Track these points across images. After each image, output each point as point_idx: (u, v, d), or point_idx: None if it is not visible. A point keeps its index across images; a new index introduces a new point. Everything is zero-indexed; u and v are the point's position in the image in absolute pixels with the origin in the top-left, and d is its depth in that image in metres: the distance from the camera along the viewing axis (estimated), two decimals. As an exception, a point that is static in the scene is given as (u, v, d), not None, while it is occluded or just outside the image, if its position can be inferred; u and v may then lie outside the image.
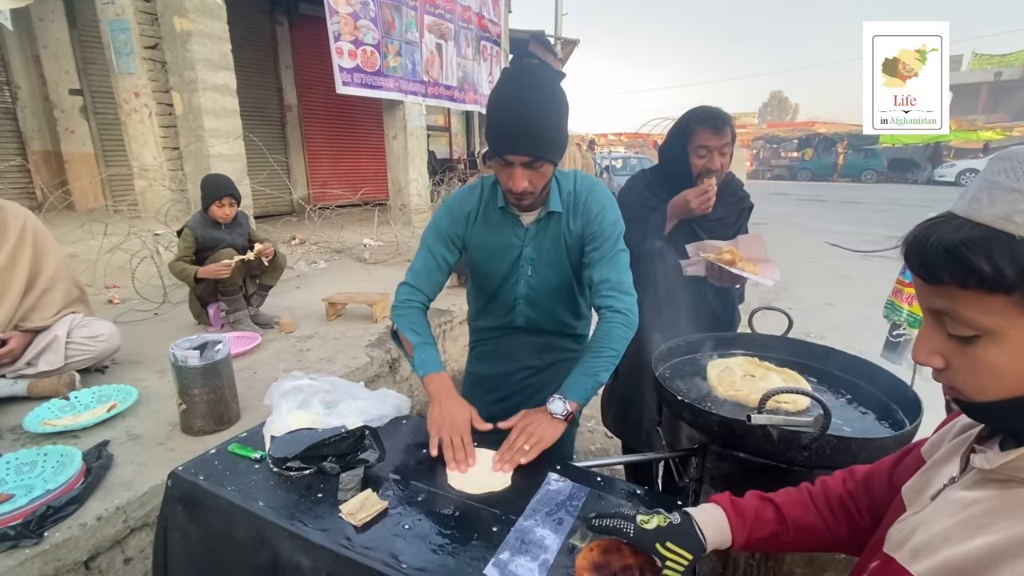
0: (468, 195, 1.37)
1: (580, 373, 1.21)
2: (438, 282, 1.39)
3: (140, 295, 3.18)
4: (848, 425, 1.06)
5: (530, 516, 0.97)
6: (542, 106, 1.13)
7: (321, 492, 1.01)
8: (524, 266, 1.36)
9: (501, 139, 1.14)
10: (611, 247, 1.28)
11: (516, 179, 1.16)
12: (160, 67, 4.37)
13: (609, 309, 1.23)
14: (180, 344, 1.72)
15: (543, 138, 1.14)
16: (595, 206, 1.29)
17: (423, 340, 1.31)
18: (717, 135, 1.53)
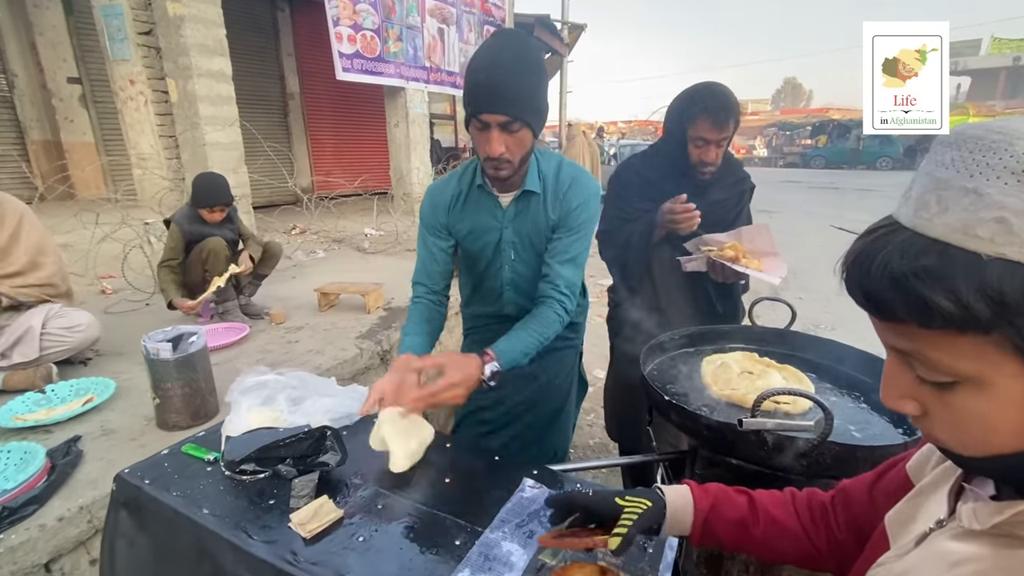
0: (447, 182, 1.34)
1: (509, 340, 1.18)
2: (438, 272, 1.37)
3: (132, 285, 3.13)
4: (857, 429, 0.96)
5: (498, 528, 0.88)
6: (520, 68, 1.08)
7: (273, 498, 0.93)
8: (506, 250, 1.32)
9: (477, 98, 1.09)
10: (579, 244, 1.26)
11: (492, 142, 1.11)
12: (155, 53, 4.29)
13: (558, 302, 1.22)
14: (153, 336, 1.65)
15: (520, 99, 1.09)
16: (576, 198, 1.24)
17: (406, 332, 1.32)
18: (718, 128, 1.41)
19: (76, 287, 3.30)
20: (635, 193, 1.59)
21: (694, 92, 1.44)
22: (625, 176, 1.63)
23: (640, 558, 0.83)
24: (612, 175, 1.71)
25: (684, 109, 1.44)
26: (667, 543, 0.86)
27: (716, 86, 1.43)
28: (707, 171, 1.47)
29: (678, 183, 1.52)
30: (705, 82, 1.46)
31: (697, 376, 1.18)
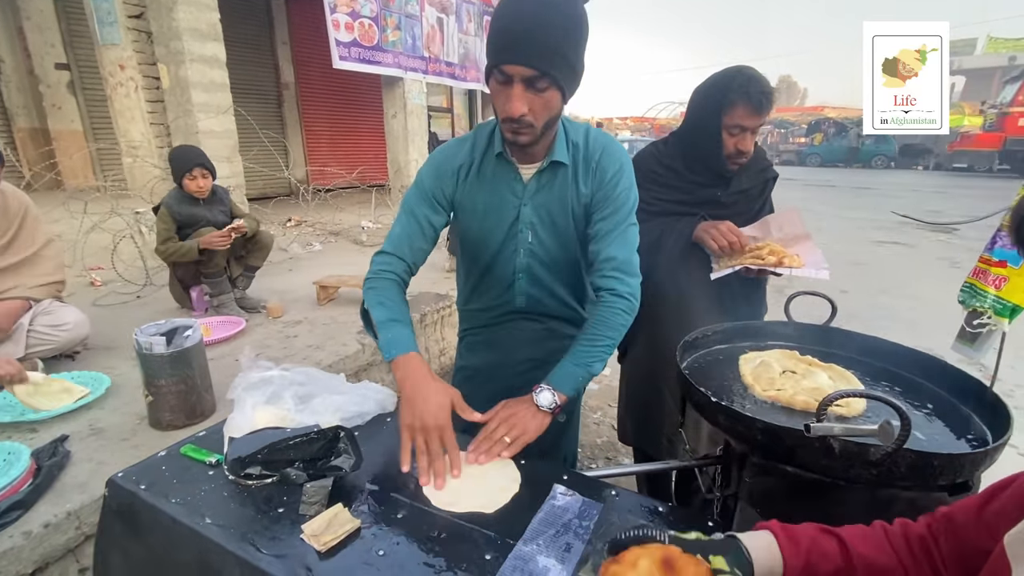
0: (458, 147, 1.15)
1: (572, 362, 1.06)
2: (421, 249, 1.17)
3: (122, 277, 3.02)
4: (919, 433, 0.88)
5: (531, 540, 0.80)
6: (555, 15, 0.91)
7: (283, 506, 0.84)
8: (523, 231, 1.15)
9: (500, 46, 0.93)
10: (623, 218, 1.11)
11: (514, 100, 0.94)
12: (146, 38, 4.15)
13: (611, 292, 1.07)
14: (146, 329, 1.55)
15: (550, 49, 0.92)
16: (611, 166, 1.10)
17: (391, 316, 1.07)
18: (758, 115, 1.31)
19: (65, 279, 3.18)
20: (657, 183, 1.51)
21: (730, 78, 1.33)
22: (646, 166, 1.55)
23: (691, 575, 0.75)
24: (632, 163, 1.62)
25: (720, 95, 1.34)
26: (719, 558, 0.79)
27: (751, 70, 1.33)
28: (741, 161, 1.39)
29: (704, 172, 1.45)
30: (737, 66, 1.37)
31: (733, 375, 1.10)
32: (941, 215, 8.59)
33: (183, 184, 2.53)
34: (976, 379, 0.95)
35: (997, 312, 0.92)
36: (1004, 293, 0.91)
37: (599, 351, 1.06)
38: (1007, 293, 0.91)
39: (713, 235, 1.36)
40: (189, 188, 2.53)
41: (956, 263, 6.18)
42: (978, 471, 0.77)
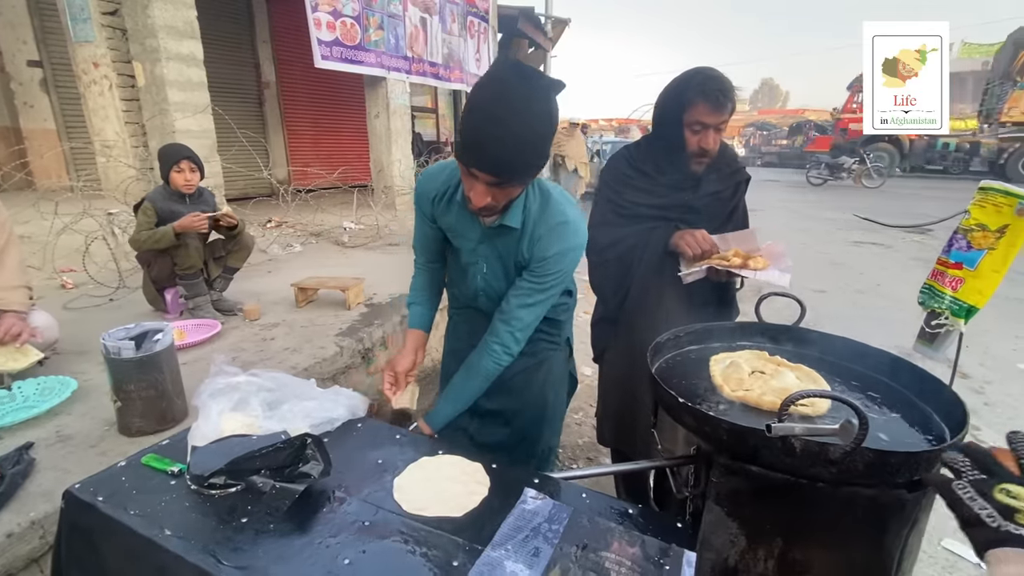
0: (438, 174, 1.25)
1: (444, 401, 1.27)
2: (435, 247, 1.37)
3: (94, 279, 2.95)
4: (880, 432, 0.90)
5: (500, 545, 0.80)
6: (527, 129, 0.94)
7: (247, 516, 0.83)
8: (480, 262, 1.27)
9: (469, 151, 0.98)
10: (546, 289, 1.19)
11: (477, 194, 1.02)
12: (120, 35, 4.06)
13: (503, 347, 1.22)
14: (114, 334, 1.52)
15: (519, 163, 0.98)
16: (550, 248, 1.15)
17: (412, 299, 1.43)
18: (716, 112, 1.33)
19: (35, 281, 3.10)
20: (629, 186, 1.52)
21: (689, 76, 1.36)
22: (618, 168, 1.56)
23: (657, 575, 0.76)
24: (604, 167, 1.63)
25: (679, 94, 1.36)
26: (685, 559, 0.79)
27: (710, 69, 1.36)
28: (705, 159, 1.40)
29: (673, 174, 1.46)
30: (697, 67, 1.39)
31: (704, 376, 1.11)
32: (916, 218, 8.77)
33: (170, 179, 2.49)
34: (936, 378, 0.97)
35: (954, 313, 0.95)
36: (960, 294, 0.94)
37: (467, 399, 1.27)
38: (963, 294, 0.93)
39: (688, 242, 1.38)
40: (176, 182, 2.48)
41: (931, 264, 6.31)
42: (934, 468, 0.78)
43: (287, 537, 0.79)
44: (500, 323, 1.22)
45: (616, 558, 0.79)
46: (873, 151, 15.74)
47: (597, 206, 1.61)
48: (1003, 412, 2.95)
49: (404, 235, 4.83)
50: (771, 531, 0.88)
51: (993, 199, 0.88)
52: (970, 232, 0.91)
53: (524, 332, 1.22)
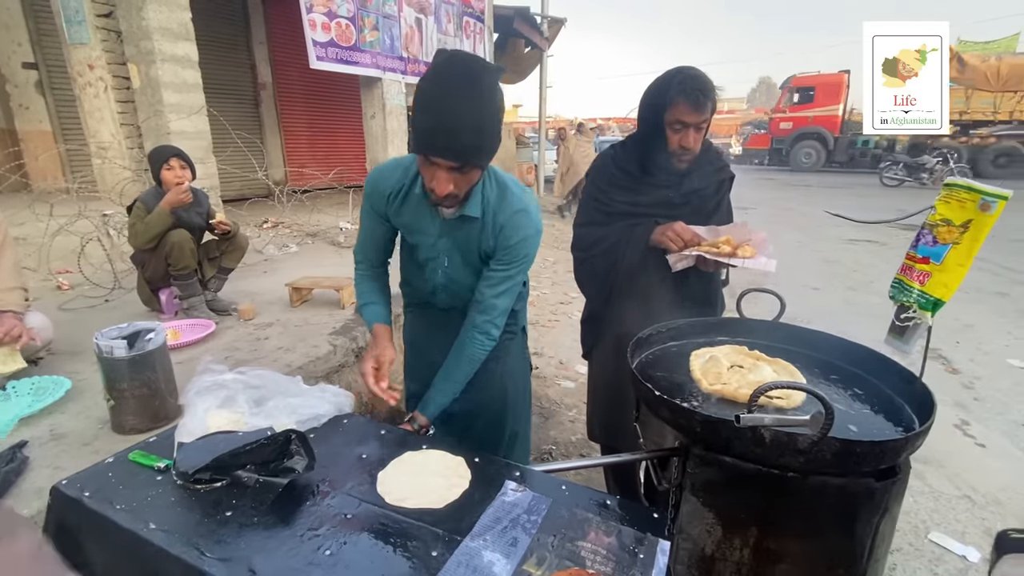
0: (392, 171, 1.25)
1: (436, 391, 1.29)
2: (383, 248, 1.39)
3: (90, 280, 2.97)
4: (851, 423, 0.92)
5: (479, 535, 0.82)
6: (481, 111, 0.99)
7: (231, 510, 0.85)
8: (440, 257, 1.30)
9: (426, 138, 1.01)
10: (516, 274, 1.25)
11: (440, 182, 1.04)
12: (115, 37, 4.08)
13: (485, 334, 1.26)
14: (106, 333, 1.53)
15: (474, 146, 1.01)
16: (514, 236, 1.20)
17: (365, 300, 1.39)
18: (696, 111, 1.35)
19: (31, 283, 3.12)
20: (614, 185, 1.54)
21: (670, 76, 1.38)
22: (603, 168, 1.58)
23: (632, 564, 0.78)
24: (591, 167, 1.65)
25: (660, 94, 1.38)
26: (659, 547, 0.81)
27: (691, 68, 1.38)
28: (686, 158, 1.42)
29: (657, 173, 1.47)
30: (678, 66, 1.41)
31: (685, 371, 1.13)
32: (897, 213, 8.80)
33: (161, 178, 2.50)
34: (908, 371, 0.99)
35: (921, 306, 0.96)
36: (927, 288, 0.95)
37: (458, 383, 1.29)
38: (930, 288, 0.95)
39: (671, 237, 1.39)
40: (168, 180, 2.50)
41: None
42: (900, 457, 0.80)
43: (270, 529, 0.81)
44: (478, 313, 1.26)
45: (592, 547, 0.80)
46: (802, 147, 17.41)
47: (583, 206, 1.63)
48: (992, 407, 2.98)
49: (400, 235, 4.85)
50: (746, 520, 0.90)
51: (957, 195, 0.90)
52: (936, 227, 0.93)
53: (501, 317, 1.28)
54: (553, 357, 3.62)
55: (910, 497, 2.26)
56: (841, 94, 16.98)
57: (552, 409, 2.98)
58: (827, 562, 0.90)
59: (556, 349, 3.71)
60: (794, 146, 17.99)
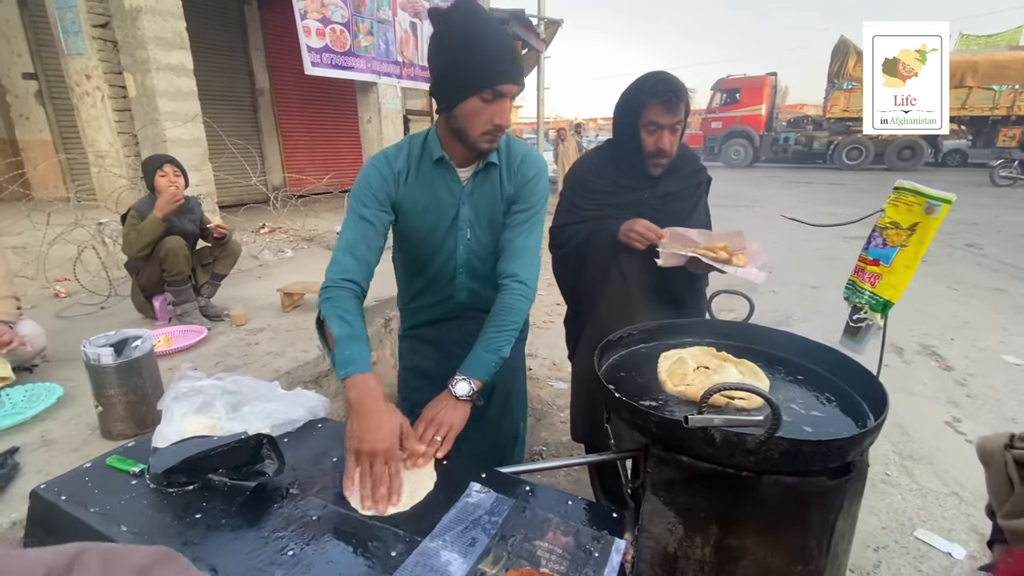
0: (396, 154, 1.23)
1: (483, 350, 1.14)
2: (378, 248, 1.20)
3: (86, 288, 3.01)
4: (812, 422, 0.94)
5: (439, 536, 0.84)
6: (509, 38, 1.07)
7: (200, 512, 0.87)
8: (463, 228, 1.25)
9: (497, 70, 1.05)
10: (536, 212, 1.25)
11: (507, 113, 1.10)
12: (112, 47, 4.13)
13: (515, 279, 1.19)
14: (94, 341, 1.57)
15: (521, 69, 1.10)
16: (530, 170, 1.23)
17: (350, 333, 1.05)
18: (669, 112, 1.38)
19: (28, 291, 3.17)
20: (590, 188, 1.56)
21: (643, 80, 1.42)
22: (581, 172, 1.60)
23: (585, 562, 0.80)
24: (569, 171, 1.67)
25: (634, 97, 1.41)
26: (614, 546, 0.83)
27: (663, 73, 1.41)
28: (662, 161, 1.44)
29: (633, 176, 1.49)
30: (650, 71, 1.44)
31: (654, 372, 1.15)
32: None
33: (156, 186, 2.54)
34: (867, 370, 1.00)
35: (872, 307, 0.98)
36: (877, 289, 0.97)
37: (506, 336, 1.15)
38: (880, 289, 0.96)
39: (634, 238, 1.41)
40: (160, 186, 2.54)
41: (924, 259, 6.31)
42: (848, 456, 0.82)
43: (237, 531, 0.83)
44: (510, 260, 1.20)
45: (548, 546, 0.82)
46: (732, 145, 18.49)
47: (559, 208, 1.65)
48: (984, 404, 2.97)
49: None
50: (706, 519, 0.91)
51: (905, 198, 0.92)
52: (885, 230, 0.94)
53: (533, 265, 1.22)
54: (547, 358, 3.64)
55: (898, 495, 2.27)
56: (764, 95, 18.04)
57: (544, 410, 3.00)
58: (786, 559, 0.92)
59: (550, 351, 3.73)
60: (724, 144, 18.93)
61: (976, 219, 8.45)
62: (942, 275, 5.57)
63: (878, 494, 2.28)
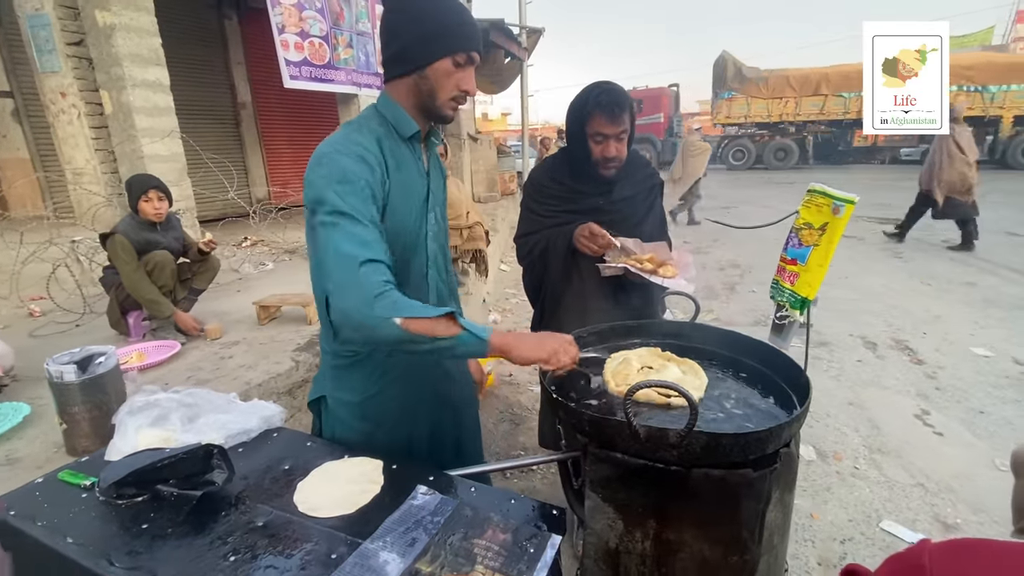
0: (359, 137, 1.02)
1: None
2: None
3: (60, 306, 3.00)
4: (751, 416, 0.97)
5: (380, 537, 0.86)
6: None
7: (147, 523, 0.89)
8: (430, 211, 1.13)
9: (465, 35, 1.02)
10: None
11: (472, 80, 1.07)
12: (87, 64, 4.14)
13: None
14: (57, 359, 1.58)
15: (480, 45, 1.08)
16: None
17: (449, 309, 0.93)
18: (613, 123, 1.43)
19: (2, 311, 3.15)
20: (547, 195, 1.61)
21: (587, 92, 1.46)
22: (538, 180, 1.65)
23: (519, 558, 0.82)
24: (526, 180, 1.72)
25: (579, 108, 1.46)
26: (550, 542, 0.86)
27: (607, 83, 1.46)
28: (611, 167, 1.49)
29: (587, 182, 1.54)
30: (596, 81, 1.49)
31: (602, 373, 1.18)
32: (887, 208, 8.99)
33: (139, 208, 2.55)
34: (797, 365, 1.04)
35: (792, 305, 1.02)
36: (796, 288, 1.01)
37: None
38: (798, 287, 1.01)
39: (584, 243, 1.45)
40: (145, 211, 2.55)
41: (899, 254, 6.44)
42: (768, 448, 0.85)
43: (182, 540, 0.85)
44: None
45: (486, 544, 0.85)
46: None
47: (521, 217, 1.69)
48: (952, 396, 3.04)
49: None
50: (643, 513, 0.95)
51: (815, 200, 0.96)
52: (800, 231, 0.99)
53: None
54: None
55: (866, 487, 2.32)
56: (662, 105, 20.04)
57: (523, 415, 3.02)
58: (722, 551, 0.95)
59: (530, 356, 3.76)
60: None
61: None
62: (916, 272, 5.68)
63: (847, 487, 2.33)
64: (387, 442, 1.18)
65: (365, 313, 0.89)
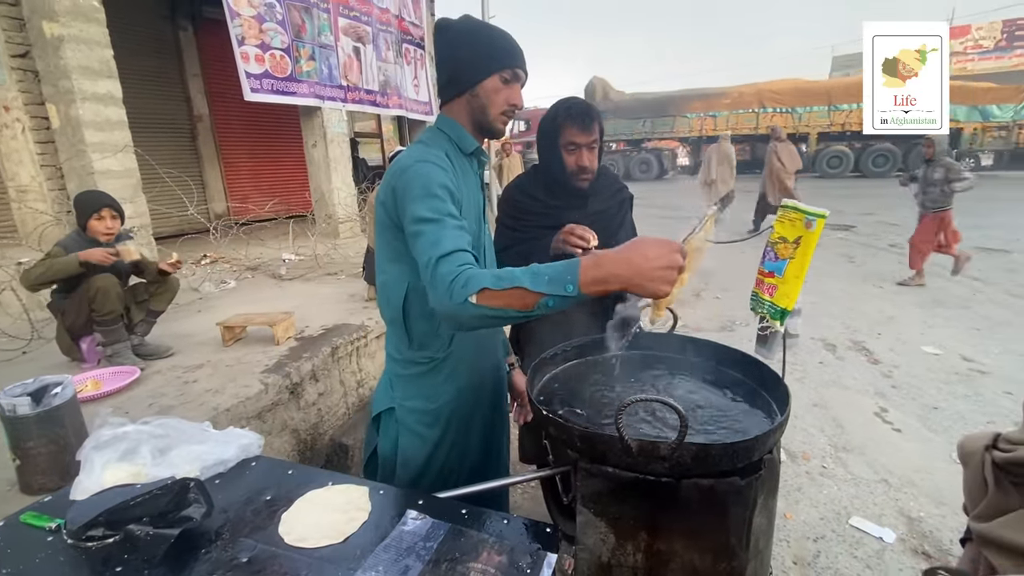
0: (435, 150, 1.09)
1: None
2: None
3: (5, 332, 2.82)
4: (736, 426, 1.00)
5: (372, 566, 0.84)
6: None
7: (121, 564, 0.84)
8: (485, 224, 1.26)
9: (509, 54, 1.11)
10: None
11: (520, 95, 1.15)
12: (33, 77, 3.94)
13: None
14: (9, 390, 1.48)
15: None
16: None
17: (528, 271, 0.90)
18: (585, 132, 1.49)
19: (-61, 338, 2.93)
20: (523, 210, 1.63)
21: (556, 107, 1.54)
22: (513, 195, 1.67)
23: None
24: (501, 195, 1.74)
25: (551, 121, 1.53)
26: (546, 561, 0.86)
27: (575, 98, 1.55)
28: (585, 177, 1.53)
29: (561, 195, 1.57)
30: (563, 97, 1.57)
31: (583, 388, 1.19)
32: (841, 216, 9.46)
33: (89, 227, 2.42)
34: (776, 374, 1.08)
35: (772, 316, 1.07)
36: (775, 299, 1.06)
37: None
38: (777, 299, 1.05)
39: (571, 240, 1.46)
40: (96, 230, 2.42)
41: (852, 259, 6.77)
42: (755, 455, 0.88)
43: (160, 582, 0.81)
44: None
45: (482, 567, 0.84)
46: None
47: (498, 233, 1.70)
48: (907, 393, 3.20)
49: (343, 264, 4.82)
50: (635, 527, 0.96)
51: (789, 215, 1.02)
52: (776, 244, 1.04)
53: None
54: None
55: (834, 485, 2.40)
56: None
57: (500, 429, 3.01)
58: (712, 558, 0.97)
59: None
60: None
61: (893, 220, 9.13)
62: (869, 275, 5.97)
63: (817, 486, 2.41)
64: (450, 446, 1.22)
65: (447, 304, 0.90)
